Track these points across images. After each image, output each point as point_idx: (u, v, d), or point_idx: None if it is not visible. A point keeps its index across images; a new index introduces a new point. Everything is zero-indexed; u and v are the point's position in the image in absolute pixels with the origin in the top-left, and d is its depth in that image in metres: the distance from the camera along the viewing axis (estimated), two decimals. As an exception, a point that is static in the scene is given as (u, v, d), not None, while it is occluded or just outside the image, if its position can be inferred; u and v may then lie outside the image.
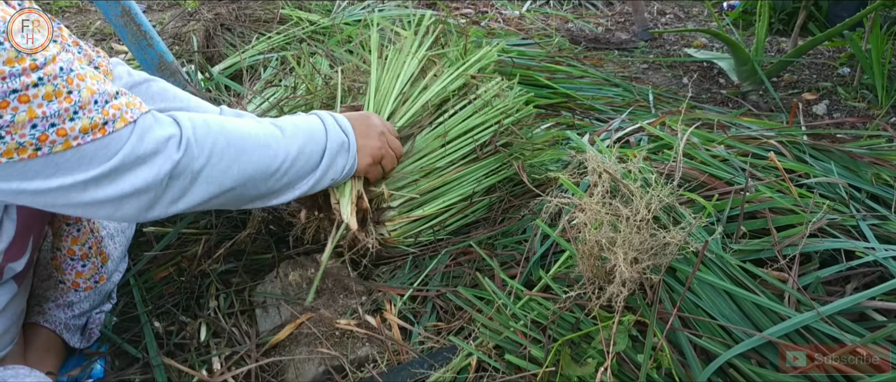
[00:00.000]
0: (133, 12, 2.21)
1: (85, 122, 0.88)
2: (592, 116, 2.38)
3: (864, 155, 1.64)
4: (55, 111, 0.85)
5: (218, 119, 1.07)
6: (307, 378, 1.22)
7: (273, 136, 1.13)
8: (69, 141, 0.87)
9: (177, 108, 1.31)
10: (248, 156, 1.07)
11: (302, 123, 1.20)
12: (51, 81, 0.85)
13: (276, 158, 1.12)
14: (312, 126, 1.21)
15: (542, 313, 1.19)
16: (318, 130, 1.22)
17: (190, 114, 1.04)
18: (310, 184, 1.21)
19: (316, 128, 1.21)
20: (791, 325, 1.05)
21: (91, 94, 0.89)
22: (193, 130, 1.01)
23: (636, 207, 1.09)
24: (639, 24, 3.62)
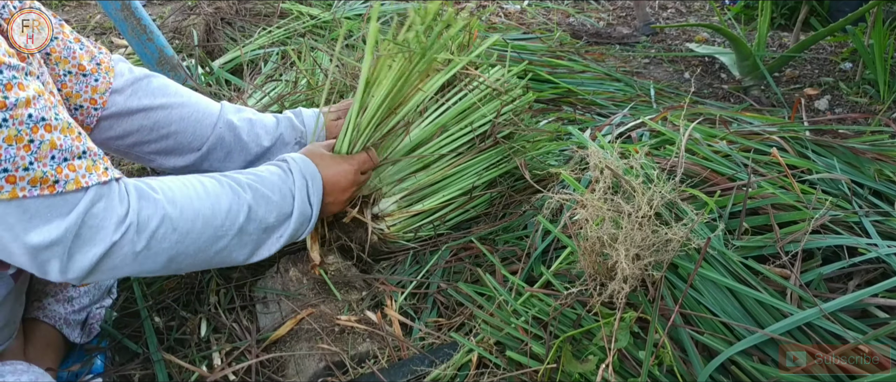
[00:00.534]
0: (133, 6, 2.20)
1: (37, 175, 0.86)
2: (594, 111, 2.37)
3: (867, 150, 1.64)
4: (11, 156, 0.83)
5: (176, 195, 1.04)
6: (308, 374, 1.22)
7: (230, 215, 1.10)
8: (16, 190, 0.85)
9: (177, 104, 1.31)
10: (193, 238, 1.05)
11: (274, 195, 1.18)
12: (16, 125, 0.83)
13: (223, 238, 1.10)
14: (282, 201, 1.19)
15: (543, 309, 1.19)
16: (284, 208, 1.19)
17: (151, 185, 1.03)
18: (260, 256, 1.19)
19: (284, 206, 1.19)
20: (793, 322, 1.05)
21: (52, 148, 0.87)
22: (138, 213, 0.97)
23: (638, 203, 1.08)
24: (640, 18, 3.61)
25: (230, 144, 1.37)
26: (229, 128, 1.37)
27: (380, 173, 1.45)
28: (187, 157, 1.35)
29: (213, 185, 1.10)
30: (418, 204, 1.50)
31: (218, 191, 1.10)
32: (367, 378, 1.20)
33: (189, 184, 1.08)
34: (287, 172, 1.22)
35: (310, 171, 1.25)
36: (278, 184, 1.19)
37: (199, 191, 1.07)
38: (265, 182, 1.17)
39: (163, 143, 1.31)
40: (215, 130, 1.35)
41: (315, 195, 1.24)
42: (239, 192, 1.12)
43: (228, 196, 1.10)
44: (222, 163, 1.38)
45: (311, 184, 1.23)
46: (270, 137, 1.42)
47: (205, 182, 1.10)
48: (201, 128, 1.34)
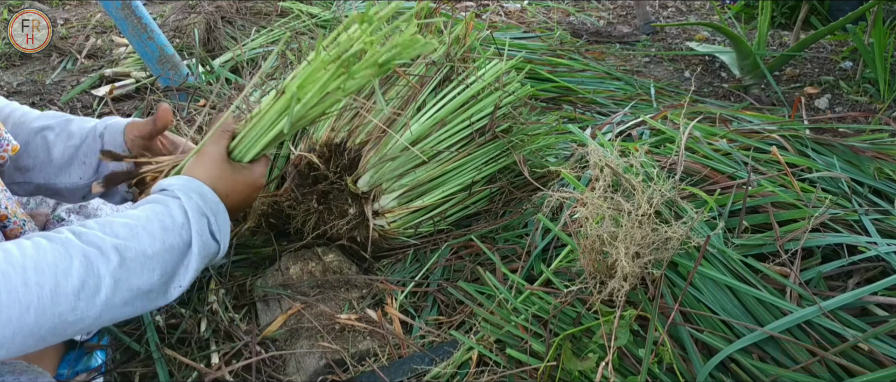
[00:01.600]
0: (134, 5, 2.20)
1: None
2: (594, 110, 2.37)
3: (867, 149, 1.64)
4: None
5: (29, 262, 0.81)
6: (308, 372, 1.22)
7: (83, 292, 0.84)
8: None
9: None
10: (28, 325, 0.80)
11: (159, 246, 0.92)
12: None
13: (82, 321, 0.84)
14: (168, 253, 0.93)
15: (543, 307, 1.19)
16: (172, 261, 0.94)
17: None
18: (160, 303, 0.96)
19: (171, 258, 0.94)
20: (792, 320, 1.05)
21: None
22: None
23: (638, 202, 1.09)
24: (641, 17, 3.61)
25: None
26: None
27: (380, 169, 1.45)
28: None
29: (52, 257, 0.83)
30: (418, 199, 1.50)
31: (63, 265, 0.83)
32: (368, 376, 1.20)
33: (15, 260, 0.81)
34: (168, 205, 0.97)
35: (209, 204, 1.01)
36: (172, 237, 0.94)
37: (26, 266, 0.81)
38: (140, 236, 0.91)
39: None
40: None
41: (222, 228, 1.02)
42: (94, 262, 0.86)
43: (78, 271, 0.83)
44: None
45: (212, 219, 1.00)
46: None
47: (42, 249, 0.83)
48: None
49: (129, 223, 0.91)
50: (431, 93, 1.59)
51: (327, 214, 1.53)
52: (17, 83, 2.73)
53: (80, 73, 2.86)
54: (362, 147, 1.48)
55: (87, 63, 2.98)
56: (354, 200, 1.49)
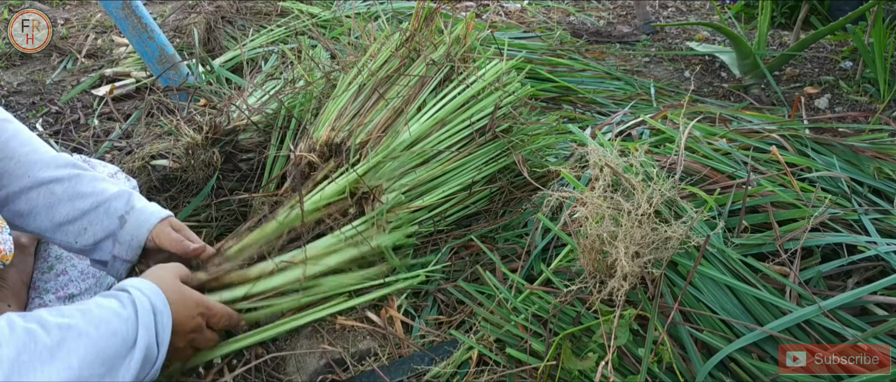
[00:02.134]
0: (134, 5, 2.21)
1: None
2: (594, 110, 2.37)
3: (867, 149, 1.64)
4: None
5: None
6: (308, 372, 1.22)
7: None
8: None
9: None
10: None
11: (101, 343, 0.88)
12: None
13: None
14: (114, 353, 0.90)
15: (543, 307, 1.19)
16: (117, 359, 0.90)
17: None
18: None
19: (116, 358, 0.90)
20: (792, 320, 1.05)
21: None
22: None
23: (638, 201, 1.09)
24: (641, 17, 3.61)
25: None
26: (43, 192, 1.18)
27: (380, 169, 1.45)
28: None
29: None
30: (418, 199, 1.50)
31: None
32: (368, 375, 1.20)
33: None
34: (125, 305, 0.96)
35: (158, 303, 0.99)
36: (110, 322, 0.91)
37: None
38: (89, 319, 0.90)
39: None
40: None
41: (164, 332, 0.99)
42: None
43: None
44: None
45: (159, 320, 0.98)
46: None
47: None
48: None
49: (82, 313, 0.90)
50: (431, 93, 1.59)
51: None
52: (17, 83, 2.73)
53: (80, 73, 2.86)
54: (363, 146, 1.48)
55: (88, 63, 2.98)
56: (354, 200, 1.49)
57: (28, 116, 2.42)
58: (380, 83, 1.61)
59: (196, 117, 2.02)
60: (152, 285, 1.01)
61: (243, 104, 1.83)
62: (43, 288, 1.29)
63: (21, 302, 1.24)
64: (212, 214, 1.64)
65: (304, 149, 1.53)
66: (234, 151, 1.73)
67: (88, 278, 1.34)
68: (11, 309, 1.21)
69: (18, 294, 1.24)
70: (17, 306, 1.22)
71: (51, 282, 1.30)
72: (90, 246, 1.19)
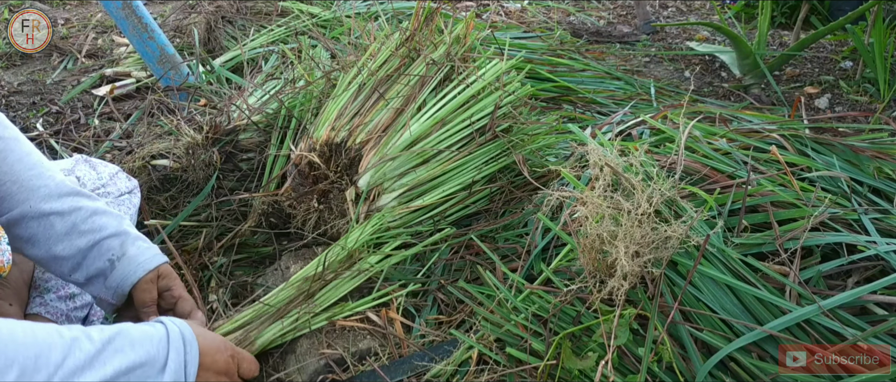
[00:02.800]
0: (134, 5, 2.21)
1: None
2: (594, 110, 2.37)
3: (867, 148, 1.64)
4: None
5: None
6: (309, 371, 1.22)
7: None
8: None
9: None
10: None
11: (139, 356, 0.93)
12: None
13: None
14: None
15: (543, 306, 1.19)
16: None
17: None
18: None
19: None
20: (792, 319, 1.05)
21: None
22: None
23: (637, 201, 1.09)
24: (641, 17, 3.61)
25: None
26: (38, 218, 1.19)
27: (381, 169, 1.45)
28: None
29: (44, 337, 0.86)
30: (418, 199, 1.50)
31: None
32: (368, 375, 1.20)
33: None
34: (157, 330, 1.00)
35: (187, 335, 1.02)
36: (144, 342, 0.96)
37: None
38: (125, 336, 0.94)
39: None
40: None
41: (191, 363, 1.00)
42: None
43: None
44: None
45: (188, 350, 1.01)
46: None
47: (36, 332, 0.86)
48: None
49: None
50: (432, 93, 1.59)
51: (327, 213, 1.53)
52: (17, 83, 2.74)
53: (80, 73, 2.86)
54: (363, 146, 1.48)
55: (88, 63, 2.98)
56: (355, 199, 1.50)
57: (28, 116, 2.42)
58: (380, 83, 1.61)
59: (196, 117, 2.02)
60: (184, 322, 1.05)
61: (243, 104, 1.83)
62: (44, 288, 1.29)
63: (22, 301, 1.24)
64: (212, 214, 1.65)
65: (304, 148, 1.53)
66: (234, 151, 1.74)
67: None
68: (13, 308, 1.21)
69: (20, 292, 1.25)
70: (18, 305, 1.23)
71: (52, 282, 1.30)
72: (82, 282, 1.21)
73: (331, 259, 1.32)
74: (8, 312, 1.20)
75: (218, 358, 1.06)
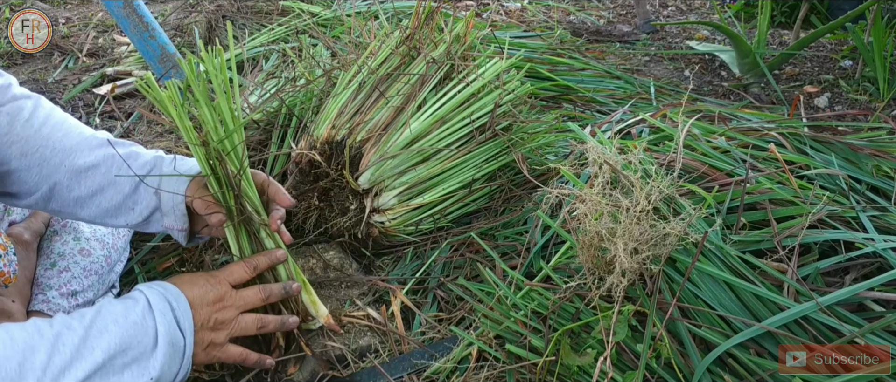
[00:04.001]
0: (135, 4, 2.21)
1: None
2: (594, 108, 2.38)
3: (865, 147, 1.65)
4: None
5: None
6: (309, 368, 1.23)
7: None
8: None
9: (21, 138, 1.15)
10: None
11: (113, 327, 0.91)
12: None
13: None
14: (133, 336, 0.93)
15: (542, 303, 1.20)
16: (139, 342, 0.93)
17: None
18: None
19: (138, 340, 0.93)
20: (790, 316, 1.06)
21: None
22: None
23: (636, 198, 1.09)
24: (641, 16, 3.62)
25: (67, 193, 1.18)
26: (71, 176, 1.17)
27: (380, 167, 1.46)
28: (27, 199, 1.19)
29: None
30: (418, 197, 1.51)
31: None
32: (368, 373, 1.21)
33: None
34: (137, 300, 0.98)
35: (170, 293, 1.01)
36: (128, 315, 0.94)
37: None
38: (107, 315, 0.93)
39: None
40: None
41: (184, 318, 1.00)
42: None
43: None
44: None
45: (175, 307, 0.99)
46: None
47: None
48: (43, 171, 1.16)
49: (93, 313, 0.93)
50: (432, 92, 1.60)
51: (328, 211, 1.54)
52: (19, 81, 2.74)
53: (81, 72, 2.87)
54: (363, 144, 1.49)
55: (89, 62, 2.99)
56: (355, 198, 1.50)
57: (30, 115, 2.43)
58: (380, 81, 1.62)
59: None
60: (162, 282, 1.03)
61: (244, 102, 1.84)
62: (46, 285, 1.29)
63: (25, 298, 1.25)
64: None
65: (304, 146, 1.54)
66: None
67: (91, 275, 1.35)
68: (16, 304, 1.22)
69: (22, 290, 1.25)
70: (21, 302, 1.23)
71: (54, 279, 1.31)
72: (142, 223, 1.20)
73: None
74: (11, 309, 1.21)
75: (203, 293, 1.04)
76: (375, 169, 1.46)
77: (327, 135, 1.51)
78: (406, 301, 1.39)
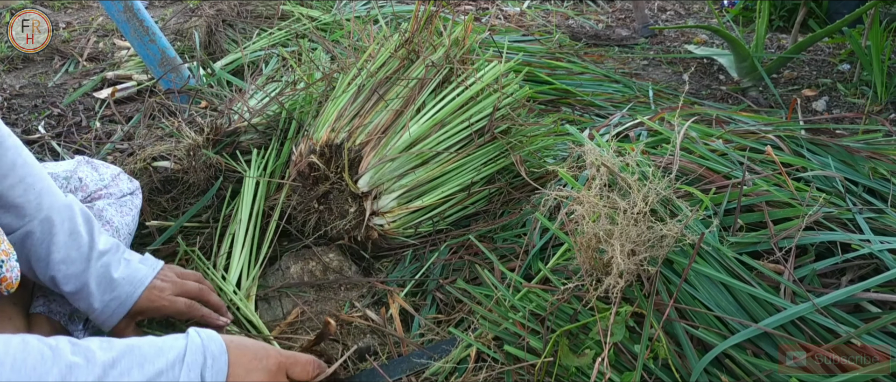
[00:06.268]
0: (135, 8, 2.22)
1: None
2: (592, 112, 2.39)
3: (862, 149, 1.65)
4: None
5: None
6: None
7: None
8: None
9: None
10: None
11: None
12: None
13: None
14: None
15: (540, 304, 1.20)
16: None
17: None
18: None
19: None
20: (786, 316, 1.06)
21: None
22: None
23: (633, 200, 1.10)
24: (639, 20, 3.63)
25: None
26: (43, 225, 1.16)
27: (380, 169, 1.46)
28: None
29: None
30: (418, 200, 1.51)
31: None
32: (368, 373, 1.21)
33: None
34: (176, 345, 0.92)
35: (214, 347, 0.94)
36: (156, 362, 0.88)
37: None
38: (136, 356, 0.87)
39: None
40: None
41: (216, 377, 0.92)
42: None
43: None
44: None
45: (209, 364, 0.92)
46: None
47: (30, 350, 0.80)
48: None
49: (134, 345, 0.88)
50: (431, 95, 1.61)
51: (327, 214, 1.55)
52: (19, 85, 2.75)
53: (82, 76, 2.88)
54: (362, 147, 1.50)
55: (89, 66, 3.00)
56: (354, 200, 1.51)
57: (30, 118, 2.44)
58: (379, 84, 1.62)
59: (197, 119, 2.04)
60: (214, 333, 0.97)
61: (244, 106, 1.84)
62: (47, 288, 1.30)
63: (26, 302, 1.25)
64: (213, 215, 1.66)
65: (304, 150, 1.55)
66: (235, 153, 1.75)
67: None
68: (17, 307, 1.22)
69: (23, 294, 1.25)
70: (22, 305, 1.24)
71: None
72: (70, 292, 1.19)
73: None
74: (11, 312, 1.21)
75: (255, 367, 0.96)
76: (375, 171, 1.46)
77: (327, 138, 1.52)
78: (404, 303, 1.39)
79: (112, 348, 0.85)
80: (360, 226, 1.49)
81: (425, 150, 1.50)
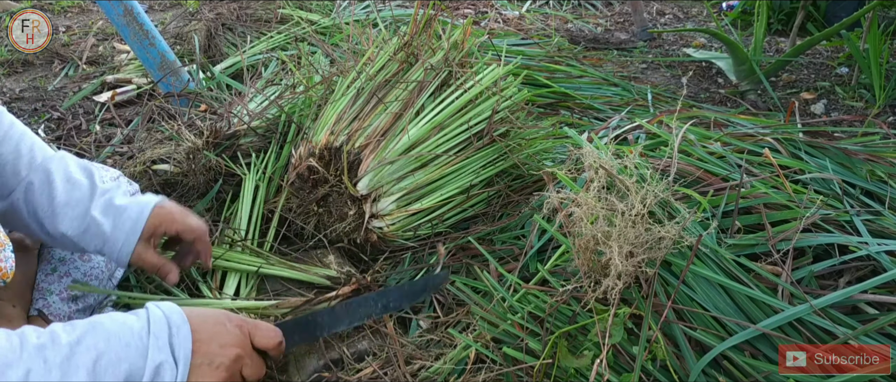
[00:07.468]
0: (135, 12, 2.23)
1: None
2: (591, 115, 2.39)
3: (859, 151, 1.66)
4: None
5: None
6: (307, 371, 1.23)
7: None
8: None
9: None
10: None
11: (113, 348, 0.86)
12: None
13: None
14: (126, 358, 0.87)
15: (539, 306, 1.21)
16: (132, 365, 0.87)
17: None
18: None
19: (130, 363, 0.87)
20: (784, 318, 1.07)
21: None
22: None
23: (631, 202, 1.10)
24: (638, 24, 3.64)
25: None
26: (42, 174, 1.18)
27: (379, 172, 1.47)
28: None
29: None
30: (417, 202, 1.52)
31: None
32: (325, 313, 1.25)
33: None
34: (140, 318, 0.93)
35: (176, 317, 0.94)
36: (121, 335, 0.88)
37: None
38: (100, 332, 0.87)
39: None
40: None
41: (181, 347, 0.92)
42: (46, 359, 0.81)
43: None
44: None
45: (174, 333, 0.92)
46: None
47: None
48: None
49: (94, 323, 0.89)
50: (430, 98, 1.61)
51: (327, 217, 1.55)
52: (19, 89, 2.76)
53: (81, 80, 2.88)
54: (362, 150, 1.50)
55: (89, 69, 3.00)
56: (354, 203, 1.51)
57: (30, 122, 2.44)
58: (378, 87, 1.63)
59: (197, 122, 2.04)
60: (173, 304, 0.97)
61: (243, 109, 1.85)
62: (46, 290, 1.30)
63: (25, 303, 1.26)
64: (212, 218, 1.66)
65: (303, 152, 1.55)
66: (235, 156, 1.75)
67: (91, 280, 1.35)
68: (16, 309, 1.22)
69: (23, 295, 1.26)
70: (21, 307, 1.24)
71: (54, 284, 1.31)
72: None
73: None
74: (11, 314, 1.21)
75: (218, 331, 0.97)
76: (374, 174, 1.47)
77: (326, 141, 1.53)
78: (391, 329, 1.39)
79: (75, 328, 0.86)
80: (359, 229, 1.50)
81: (424, 153, 1.51)
